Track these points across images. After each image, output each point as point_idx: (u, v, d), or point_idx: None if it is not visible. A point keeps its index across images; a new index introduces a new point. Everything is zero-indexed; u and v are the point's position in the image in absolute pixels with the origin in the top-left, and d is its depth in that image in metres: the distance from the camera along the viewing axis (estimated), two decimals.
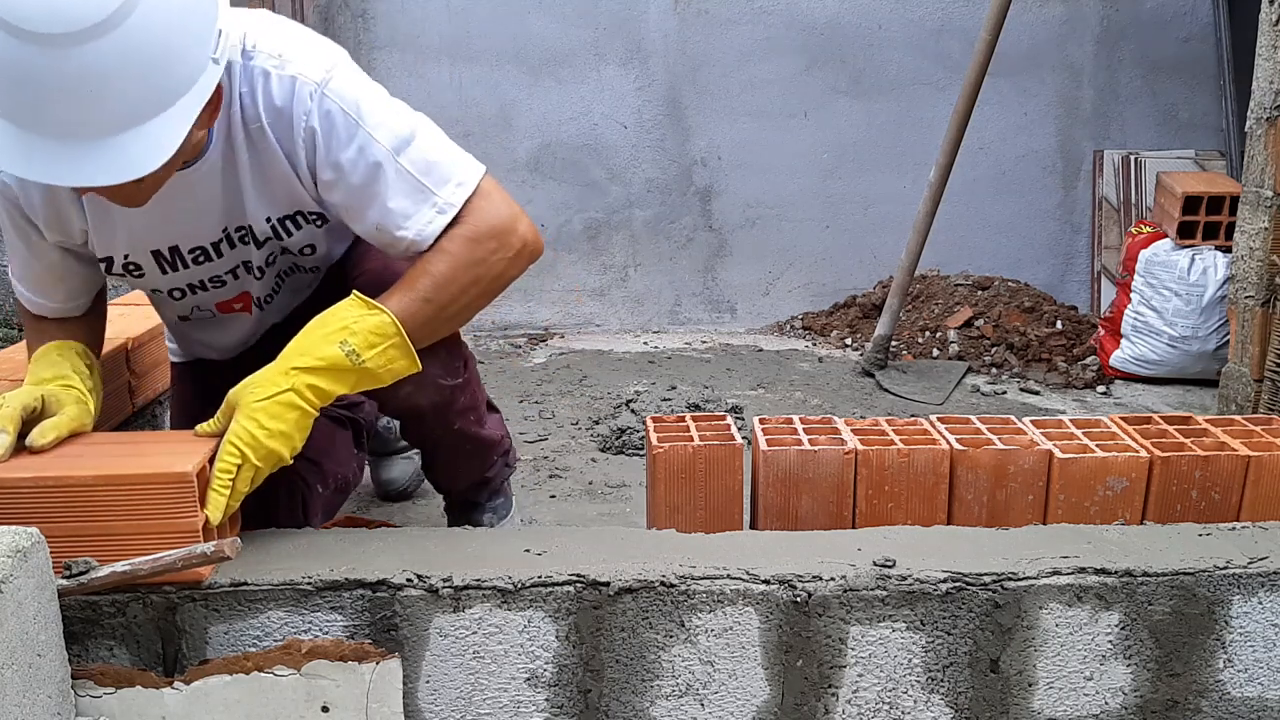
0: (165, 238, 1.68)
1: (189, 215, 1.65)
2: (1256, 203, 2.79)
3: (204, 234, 1.69)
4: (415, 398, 1.73)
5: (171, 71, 1.37)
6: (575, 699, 1.46)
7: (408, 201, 1.58)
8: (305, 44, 1.60)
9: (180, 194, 1.59)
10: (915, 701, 1.48)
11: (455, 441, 1.92)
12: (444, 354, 1.72)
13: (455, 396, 1.83)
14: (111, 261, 1.71)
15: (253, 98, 1.57)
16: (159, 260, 1.70)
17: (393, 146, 1.57)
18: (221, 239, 1.70)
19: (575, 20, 4.49)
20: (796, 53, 4.53)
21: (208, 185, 1.62)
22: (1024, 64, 4.47)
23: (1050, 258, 4.67)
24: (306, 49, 1.59)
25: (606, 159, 4.58)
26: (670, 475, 1.72)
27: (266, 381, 1.48)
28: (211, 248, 1.71)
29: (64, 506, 1.37)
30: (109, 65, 1.32)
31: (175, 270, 1.73)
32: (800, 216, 4.65)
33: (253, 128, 1.59)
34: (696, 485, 1.73)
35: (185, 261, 1.72)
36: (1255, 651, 1.49)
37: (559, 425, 3.21)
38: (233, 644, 1.42)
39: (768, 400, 3.55)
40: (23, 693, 1.19)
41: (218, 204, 1.65)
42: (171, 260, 1.71)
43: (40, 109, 1.33)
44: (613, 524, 2.29)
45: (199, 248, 1.70)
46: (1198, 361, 3.69)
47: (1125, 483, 1.71)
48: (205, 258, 1.72)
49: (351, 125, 1.56)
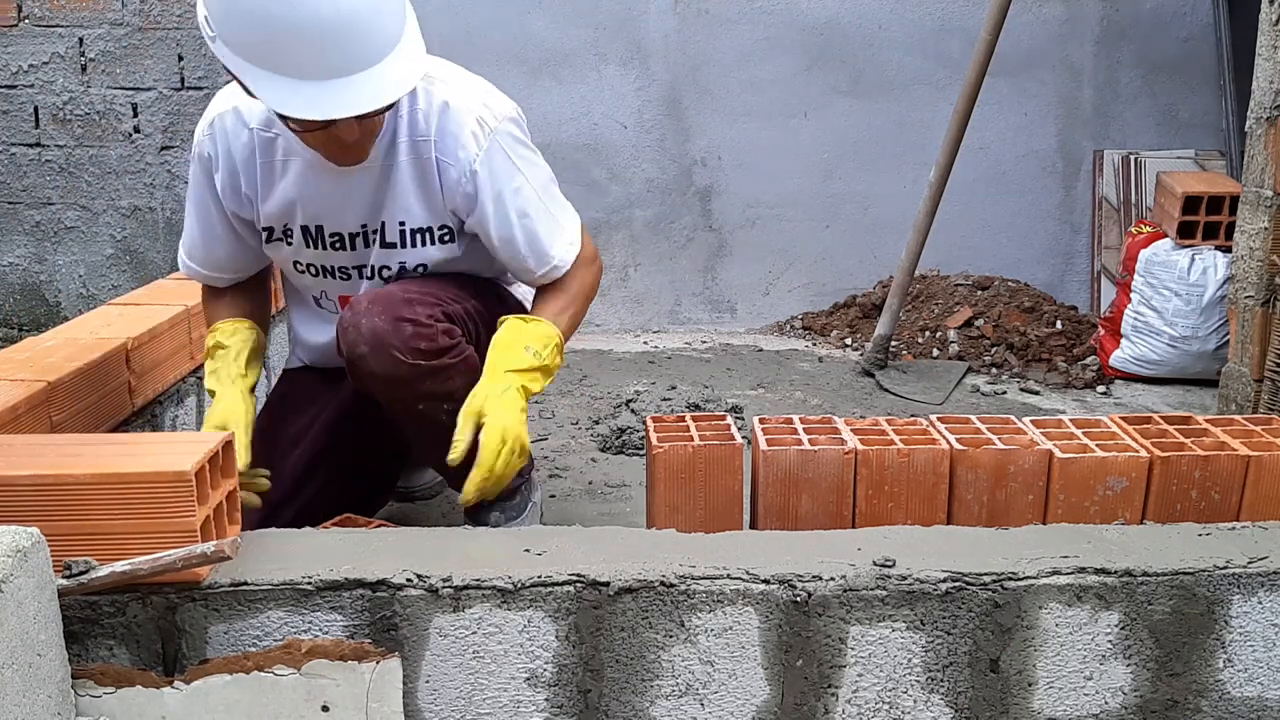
0: (314, 217, 1.96)
1: (337, 203, 1.93)
2: (1256, 203, 2.79)
3: (345, 223, 1.96)
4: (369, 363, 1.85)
5: (394, 10, 1.68)
6: (575, 699, 1.46)
7: (550, 235, 1.96)
8: (483, 92, 1.94)
9: (337, 183, 1.90)
10: (915, 701, 1.48)
11: (417, 422, 1.94)
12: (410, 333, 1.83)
13: (418, 377, 1.87)
14: (271, 231, 2.00)
15: (426, 117, 1.87)
16: (305, 235, 1.98)
17: (540, 190, 1.95)
18: (358, 233, 1.96)
19: (575, 20, 4.49)
20: (796, 53, 4.52)
21: (360, 182, 1.90)
22: (1024, 64, 4.47)
23: (1050, 258, 4.66)
24: (484, 96, 1.93)
25: (606, 159, 4.58)
26: (670, 475, 1.72)
27: (494, 387, 1.81)
28: (348, 237, 1.97)
29: (63, 506, 1.37)
30: (357, 5, 1.60)
31: (315, 249, 1.99)
32: (800, 216, 4.65)
33: (419, 141, 1.88)
34: (696, 485, 1.73)
35: (325, 243, 1.98)
36: (1255, 651, 1.49)
37: (559, 425, 3.21)
38: (233, 644, 1.42)
39: (768, 400, 3.55)
40: (23, 693, 1.19)
41: (365, 201, 1.92)
42: (316, 237, 1.98)
43: (306, 55, 1.61)
44: (613, 524, 2.28)
45: (337, 234, 1.97)
46: (1198, 361, 3.69)
47: (1125, 482, 1.71)
48: (339, 245, 1.98)
49: (512, 168, 1.91)
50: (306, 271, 2.05)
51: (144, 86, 4.12)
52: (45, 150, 4.17)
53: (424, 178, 1.91)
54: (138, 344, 2.31)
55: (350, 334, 1.85)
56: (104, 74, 4.10)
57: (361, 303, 1.88)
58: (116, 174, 4.19)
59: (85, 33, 4.08)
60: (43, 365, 2.06)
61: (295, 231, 1.98)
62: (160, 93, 4.12)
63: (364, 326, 1.83)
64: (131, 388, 2.28)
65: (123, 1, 4.06)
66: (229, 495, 1.52)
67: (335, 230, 1.97)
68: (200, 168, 1.98)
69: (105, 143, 4.17)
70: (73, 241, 4.26)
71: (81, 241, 4.25)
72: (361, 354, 1.84)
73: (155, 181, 4.20)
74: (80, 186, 4.20)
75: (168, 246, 4.24)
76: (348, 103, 1.65)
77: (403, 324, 1.83)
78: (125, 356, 2.26)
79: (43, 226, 4.24)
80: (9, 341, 3.86)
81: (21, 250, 4.27)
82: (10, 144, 4.16)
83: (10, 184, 4.19)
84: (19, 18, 4.06)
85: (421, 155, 1.89)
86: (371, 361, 1.84)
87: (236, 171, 1.95)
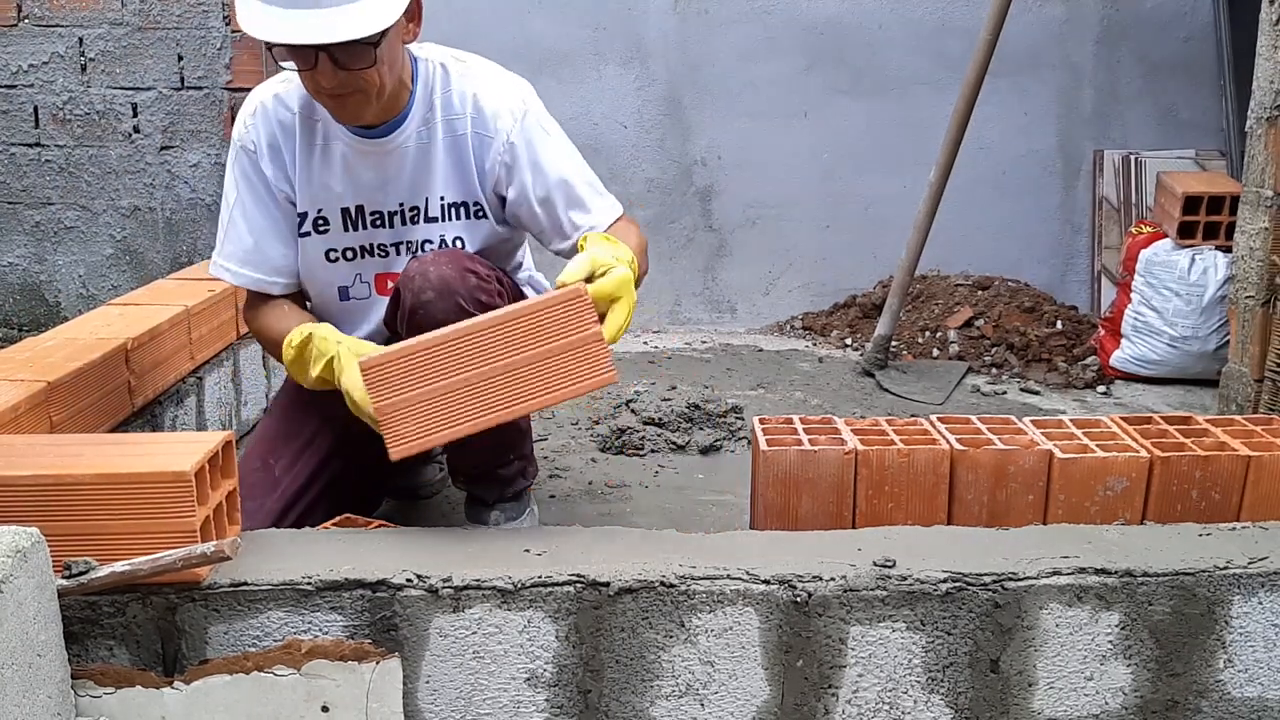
0: (354, 198, 2.01)
1: (377, 184, 2.00)
2: (1256, 203, 2.78)
3: (385, 201, 2.02)
4: (434, 308, 1.84)
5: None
6: (575, 699, 1.46)
7: (589, 199, 2.04)
8: (511, 75, 2.07)
9: (374, 162, 1.98)
10: (915, 701, 1.48)
11: None
12: (475, 284, 1.88)
13: None
14: (305, 217, 2.03)
15: (462, 97, 1.99)
16: (345, 217, 2.03)
17: (575, 159, 2.05)
18: (397, 211, 2.03)
19: (575, 20, 4.49)
20: (796, 52, 4.52)
21: (397, 160, 1.99)
22: (1024, 64, 4.46)
23: (1050, 258, 4.66)
24: (513, 78, 2.06)
25: (606, 159, 4.57)
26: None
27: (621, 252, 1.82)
28: (387, 215, 2.03)
29: (63, 506, 1.37)
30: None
31: (355, 230, 2.04)
32: (800, 216, 4.65)
33: (455, 119, 1.99)
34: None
35: (366, 222, 2.03)
36: (1255, 651, 1.49)
37: (559, 425, 3.21)
38: (233, 644, 1.42)
39: (768, 400, 3.55)
40: (23, 693, 1.19)
41: (404, 179, 2.00)
42: (355, 219, 2.03)
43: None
44: (613, 524, 2.28)
45: (377, 213, 2.03)
46: (1198, 361, 3.68)
47: (1125, 483, 1.71)
48: (380, 224, 2.04)
49: (546, 139, 2.01)
50: (341, 258, 2.06)
51: (144, 86, 4.12)
52: (45, 150, 4.17)
53: (459, 154, 2.00)
54: (138, 344, 2.31)
55: (417, 281, 1.86)
56: (104, 74, 4.09)
57: (427, 257, 1.92)
58: (116, 174, 4.18)
59: (85, 32, 4.07)
60: (43, 365, 2.06)
61: (334, 216, 2.02)
62: (160, 93, 4.12)
63: (432, 274, 1.86)
64: (131, 388, 2.28)
65: (123, 1, 4.06)
66: (229, 495, 1.52)
67: (376, 210, 2.03)
68: (248, 162, 2.01)
69: (105, 143, 4.17)
70: (72, 241, 4.26)
71: (81, 241, 4.25)
72: (428, 299, 1.85)
73: (155, 181, 4.20)
74: (80, 186, 4.20)
75: (168, 246, 4.24)
76: (301, 31, 1.72)
77: (469, 274, 1.88)
78: (125, 356, 2.26)
79: (42, 226, 4.24)
80: (9, 341, 3.86)
81: (21, 250, 4.27)
82: (10, 144, 4.16)
83: (10, 184, 4.19)
84: (19, 17, 4.05)
85: (456, 132, 1.99)
86: (436, 307, 1.85)
87: (281, 156, 2.00)
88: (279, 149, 2.00)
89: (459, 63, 2.04)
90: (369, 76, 1.81)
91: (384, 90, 1.86)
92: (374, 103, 1.87)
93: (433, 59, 2.03)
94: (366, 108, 1.88)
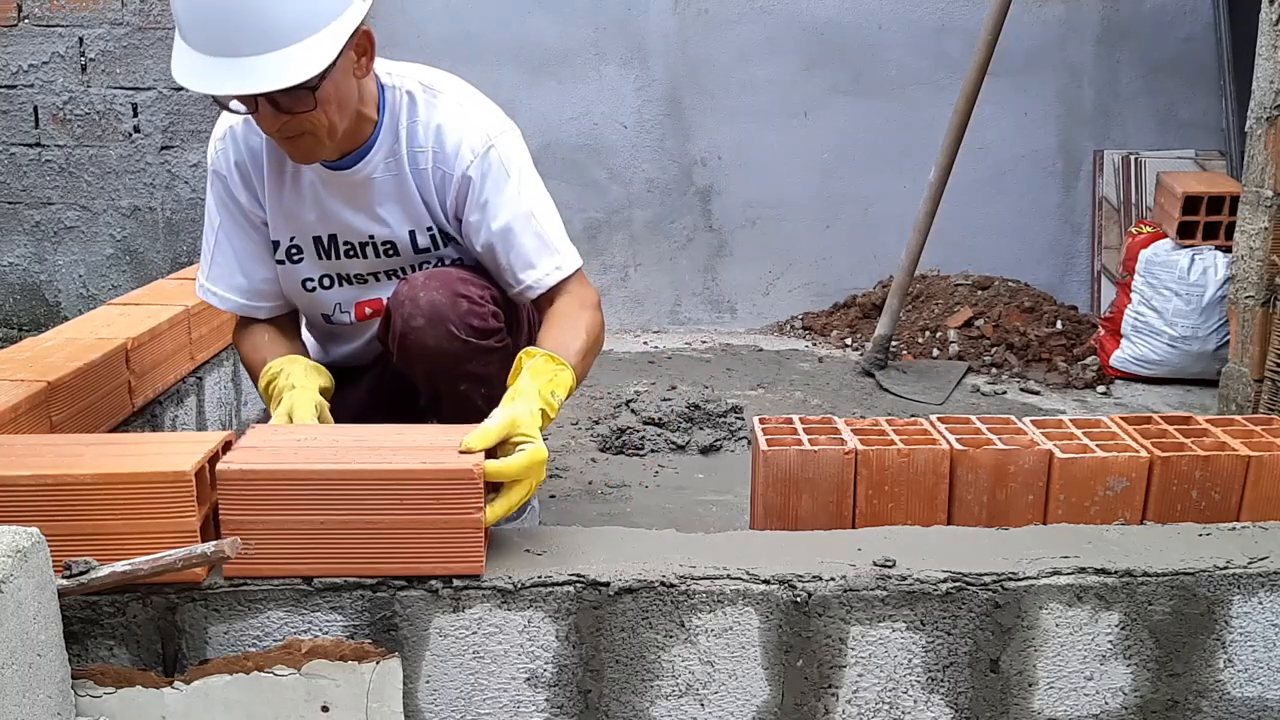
0: (325, 227, 1.96)
1: (348, 212, 1.93)
2: (1256, 203, 2.79)
3: (356, 232, 1.96)
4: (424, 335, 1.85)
5: (311, 8, 1.65)
6: (575, 699, 1.46)
7: (534, 253, 1.91)
8: (485, 105, 1.96)
9: (343, 192, 1.91)
10: (915, 701, 1.48)
11: (453, 406, 1.93)
12: (466, 309, 1.86)
13: (468, 355, 1.88)
14: (279, 245, 1.98)
15: (426, 129, 1.90)
16: (318, 245, 1.98)
17: (530, 207, 1.91)
18: (368, 242, 1.97)
19: (575, 20, 4.49)
20: (796, 53, 4.52)
21: (366, 191, 1.92)
22: (1024, 64, 4.46)
23: (1050, 258, 4.66)
24: (485, 109, 1.95)
25: (606, 159, 4.58)
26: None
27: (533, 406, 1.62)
28: (359, 245, 1.97)
29: (63, 506, 1.37)
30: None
31: (328, 259, 1.99)
32: (800, 216, 4.65)
33: (418, 152, 1.90)
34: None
35: (340, 251, 1.98)
36: (1255, 651, 1.49)
37: (559, 425, 3.21)
38: (233, 644, 1.42)
39: (768, 400, 3.55)
40: (23, 693, 1.19)
41: (374, 210, 1.93)
42: (329, 248, 1.98)
43: (201, 29, 1.64)
44: (613, 524, 2.28)
45: (349, 243, 1.97)
46: (1198, 361, 3.69)
47: (1125, 483, 1.71)
48: (353, 254, 1.99)
49: (504, 180, 1.89)
50: (319, 286, 2.02)
51: (144, 86, 4.12)
52: (45, 150, 4.17)
53: (423, 187, 1.92)
54: (138, 344, 2.31)
55: (407, 306, 1.85)
56: (104, 74, 4.10)
57: (418, 279, 1.89)
58: (116, 174, 4.19)
59: (85, 32, 4.08)
60: (43, 365, 2.06)
61: (306, 245, 1.97)
62: (160, 92, 4.12)
63: (422, 300, 1.84)
64: (131, 388, 2.28)
65: (123, 1, 4.06)
66: None
67: (348, 240, 1.97)
68: (221, 186, 1.97)
69: (105, 143, 4.17)
70: (73, 241, 4.26)
71: (81, 241, 4.25)
72: (418, 326, 1.84)
73: (155, 181, 4.20)
74: (80, 186, 4.20)
75: (168, 246, 4.24)
76: (226, 82, 1.66)
77: (460, 300, 1.86)
78: (125, 356, 2.26)
79: (43, 226, 4.24)
80: (9, 341, 3.86)
81: (21, 250, 4.27)
82: (10, 144, 4.16)
83: (10, 184, 4.19)
84: (19, 17, 4.06)
85: (419, 166, 1.91)
86: (427, 334, 1.84)
87: (252, 181, 1.95)
88: (249, 175, 1.95)
89: (428, 91, 1.92)
90: (314, 119, 1.73)
91: (334, 130, 1.77)
92: (326, 142, 1.79)
93: (401, 87, 1.91)
94: (319, 148, 1.80)
